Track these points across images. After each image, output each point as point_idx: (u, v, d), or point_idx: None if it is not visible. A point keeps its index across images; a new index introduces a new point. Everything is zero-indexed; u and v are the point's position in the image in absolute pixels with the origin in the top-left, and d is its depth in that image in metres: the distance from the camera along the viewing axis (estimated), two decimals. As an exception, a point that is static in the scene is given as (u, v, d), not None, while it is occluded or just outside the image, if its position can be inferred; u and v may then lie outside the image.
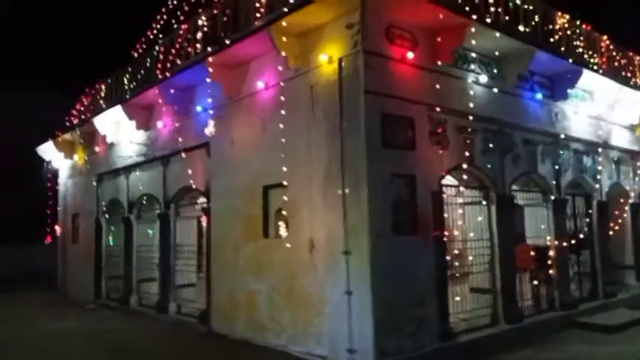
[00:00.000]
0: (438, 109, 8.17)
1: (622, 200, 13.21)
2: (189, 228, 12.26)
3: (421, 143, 7.84)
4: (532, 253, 10.17)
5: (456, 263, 9.09)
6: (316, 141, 7.78)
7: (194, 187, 10.73)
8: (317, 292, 7.63)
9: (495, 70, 9.44)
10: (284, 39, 7.87)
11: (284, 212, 8.46)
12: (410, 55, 7.66)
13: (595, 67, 11.13)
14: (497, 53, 9.20)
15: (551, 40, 10.18)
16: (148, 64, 12.07)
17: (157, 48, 11.81)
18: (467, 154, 8.63)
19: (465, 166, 8.62)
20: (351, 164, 7.23)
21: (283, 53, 7.92)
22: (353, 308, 7.05)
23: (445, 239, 8.07)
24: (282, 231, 8.54)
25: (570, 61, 10.07)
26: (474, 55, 9.01)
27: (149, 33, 14.70)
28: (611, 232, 12.76)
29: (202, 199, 10.85)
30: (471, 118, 8.71)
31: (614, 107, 12.74)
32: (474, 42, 8.50)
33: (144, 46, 14.56)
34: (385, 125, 7.33)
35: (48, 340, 10.07)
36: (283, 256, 8.28)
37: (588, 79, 10.94)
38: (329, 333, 7.42)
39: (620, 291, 12.62)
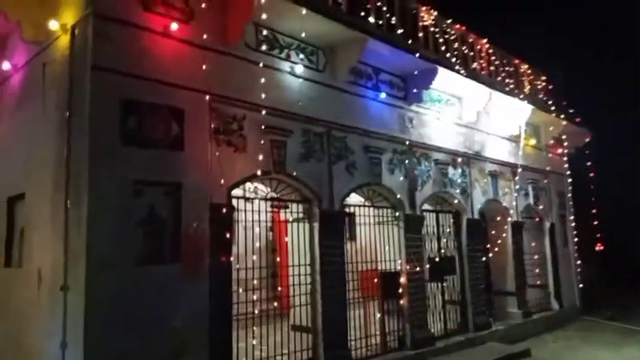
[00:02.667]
0: (230, 100, 6.45)
1: (500, 218, 11.94)
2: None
3: (196, 142, 6.05)
4: (376, 280, 8.58)
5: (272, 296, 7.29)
6: (46, 138, 5.84)
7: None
8: (37, 343, 5.59)
9: (323, 62, 7.87)
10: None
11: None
12: (174, 26, 5.90)
13: (457, 68, 9.82)
14: (322, 41, 7.68)
15: (399, 32, 8.75)
16: None
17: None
18: (276, 159, 6.91)
19: (273, 174, 6.91)
20: (76, 169, 5.32)
21: (12, 18, 5.99)
22: (69, 368, 5.07)
23: (233, 267, 6.25)
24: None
25: (417, 55, 8.65)
26: (288, 40, 7.39)
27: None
28: (490, 255, 11.49)
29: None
30: (283, 115, 7.05)
31: (490, 116, 11.56)
32: (283, 24, 6.94)
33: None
34: (129, 116, 5.49)
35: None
36: (18, 291, 6.21)
37: (448, 80, 9.65)
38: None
39: (500, 320, 11.27)
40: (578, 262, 14.47)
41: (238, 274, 6.41)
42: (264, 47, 7.03)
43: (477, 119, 10.97)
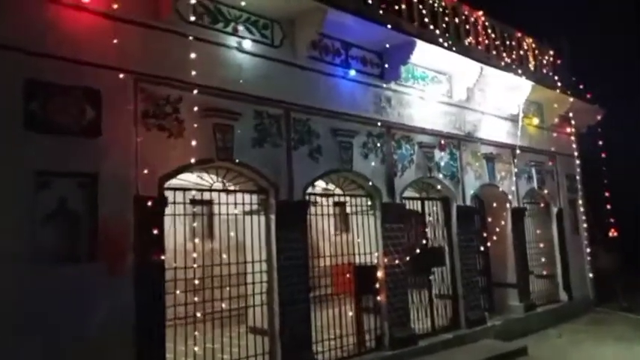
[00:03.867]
0: (162, 80, 5.79)
1: (497, 205, 11.04)
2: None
3: (117, 127, 5.40)
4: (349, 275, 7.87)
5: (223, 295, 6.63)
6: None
7: None
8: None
9: (279, 36, 7.13)
10: None
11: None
12: (85, -3, 5.25)
13: (441, 41, 8.93)
14: (278, 13, 6.95)
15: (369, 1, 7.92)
16: None
17: None
18: (220, 145, 6.23)
19: (217, 162, 6.24)
20: (-32, 158, 4.73)
21: None
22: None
23: (165, 266, 5.62)
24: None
25: (390, 27, 7.82)
26: (235, 12, 6.66)
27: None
28: (487, 244, 10.65)
29: None
30: (229, 96, 6.36)
31: (486, 94, 10.66)
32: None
33: None
34: (34, 98, 4.88)
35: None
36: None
37: (432, 56, 8.82)
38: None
39: (500, 314, 10.45)
40: (589, 249, 13.43)
41: (184, 273, 5.80)
42: (204, 20, 6.33)
43: (468, 97, 10.09)
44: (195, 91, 6.02)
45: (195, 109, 6.04)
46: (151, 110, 5.71)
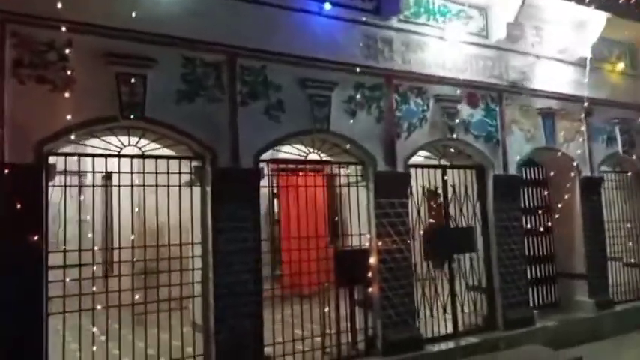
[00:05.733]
0: (43, 21, 4.69)
1: (560, 174, 8.69)
2: None
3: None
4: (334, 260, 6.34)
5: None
6: None
7: None
8: None
9: (221, -37, 5.69)
10: None
11: None
12: None
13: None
14: None
15: None
16: None
17: None
18: (127, 99, 5.01)
19: (121, 121, 5.02)
20: None
21: None
22: None
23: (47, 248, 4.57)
24: None
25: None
26: None
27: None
28: (549, 223, 8.52)
29: None
30: (140, 38, 5.10)
31: (543, 32, 8.37)
32: None
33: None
34: None
35: None
36: None
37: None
38: None
39: (565, 312, 8.31)
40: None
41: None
42: (105, -55, 5.09)
43: (515, 37, 7.97)
44: (91, 34, 4.86)
45: (91, 55, 4.87)
46: (27, 58, 4.62)
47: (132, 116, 4.99)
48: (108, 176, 5.84)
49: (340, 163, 6.73)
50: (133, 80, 4.98)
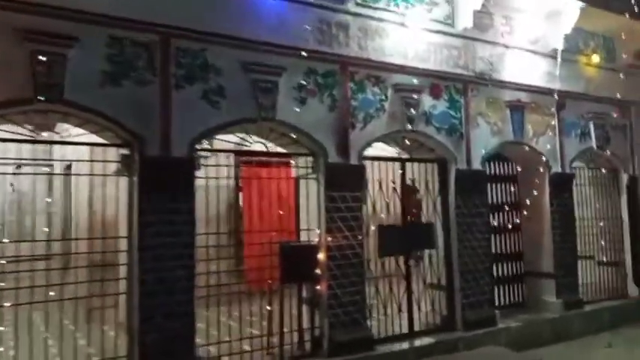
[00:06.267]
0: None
1: (528, 169, 8.39)
2: None
3: None
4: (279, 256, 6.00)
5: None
6: None
7: None
8: None
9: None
10: None
11: None
12: None
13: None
14: None
15: None
16: None
17: None
18: (42, 81, 4.62)
19: (35, 103, 4.64)
20: None
21: None
22: None
23: None
24: None
25: None
26: None
27: None
28: (517, 220, 8.21)
29: None
30: (59, 15, 4.72)
31: (513, 21, 8.02)
32: None
33: None
34: None
35: None
36: None
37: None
38: None
39: (531, 312, 8.01)
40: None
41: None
42: None
43: (484, 26, 7.65)
44: (1, 9, 4.47)
45: (3, 31, 4.49)
46: None
47: (45, 98, 4.60)
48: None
49: (291, 154, 6.39)
50: (49, 59, 4.60)
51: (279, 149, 6.49)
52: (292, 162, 6.38)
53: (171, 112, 5.23)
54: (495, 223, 8.16)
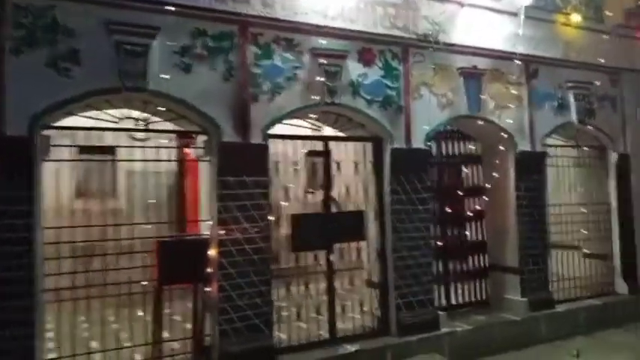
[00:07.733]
0: None
1: (490, 148, 7.27)
2: None
3: None
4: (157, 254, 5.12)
5: None
6: None
7: None
8: None
9: None
10: None
11: None
12: None
13: None
14: None
15: None
16: None
17: None
18: None
19: None
20: None
21: None
22: None
23: None
24: None
25: None
26: None
27: None
28: (477, 207, 7.16)
29: None
30: None
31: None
32: None
33: None
34: None
35: None
36: None
37: None
38: None
39: (496, 312, 6.99)
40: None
41: None
42: None
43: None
44: None
45: None
46: None
47: None
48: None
49: (183, 132, 5.46)
50: None
51: (171, 126, 5.54)
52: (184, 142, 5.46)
53: (4, 82, 4.35)
54: (450, 211, 7.10)
